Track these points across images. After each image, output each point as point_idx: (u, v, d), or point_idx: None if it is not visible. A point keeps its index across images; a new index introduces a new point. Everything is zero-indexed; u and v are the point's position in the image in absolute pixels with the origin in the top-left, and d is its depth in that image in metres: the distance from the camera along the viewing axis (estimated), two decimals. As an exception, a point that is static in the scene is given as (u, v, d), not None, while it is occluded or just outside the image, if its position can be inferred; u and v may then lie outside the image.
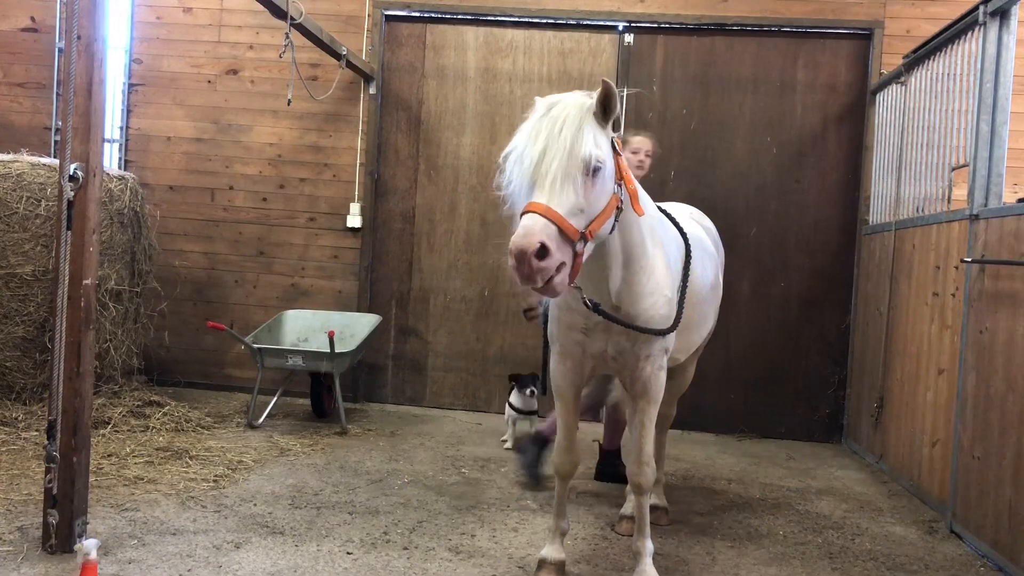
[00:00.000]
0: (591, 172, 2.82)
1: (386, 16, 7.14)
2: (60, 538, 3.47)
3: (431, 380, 7.21)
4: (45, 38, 7.35)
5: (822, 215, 6.88)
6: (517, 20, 7.06)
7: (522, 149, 2.87)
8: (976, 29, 4.67)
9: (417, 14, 7.12)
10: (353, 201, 7.15)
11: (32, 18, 7.37)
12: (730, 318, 6.46)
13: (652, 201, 3.63)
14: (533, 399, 5.81)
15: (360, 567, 3.60)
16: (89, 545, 3.03)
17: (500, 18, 7.06)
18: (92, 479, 3.99)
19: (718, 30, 6.90)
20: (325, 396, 6.43)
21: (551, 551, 3.61)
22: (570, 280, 2.78)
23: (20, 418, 5.41)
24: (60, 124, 5.16)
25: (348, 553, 3.74)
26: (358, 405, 7.02)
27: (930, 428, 5.00)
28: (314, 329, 6.57)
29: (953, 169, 5.05)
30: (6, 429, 5.23)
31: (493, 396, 7.14)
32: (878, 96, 6.58)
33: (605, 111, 2.94)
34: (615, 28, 6.98)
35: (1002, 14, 4.41)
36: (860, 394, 6.43)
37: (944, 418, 4.78)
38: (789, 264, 6.85)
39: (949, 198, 5.12)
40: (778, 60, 6.88)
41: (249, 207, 7.27)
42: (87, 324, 3.51)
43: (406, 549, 3.84)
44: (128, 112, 7.34)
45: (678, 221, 3.76)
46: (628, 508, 4.28)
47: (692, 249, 3.66)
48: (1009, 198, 5.39)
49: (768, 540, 4.31)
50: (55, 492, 3.45)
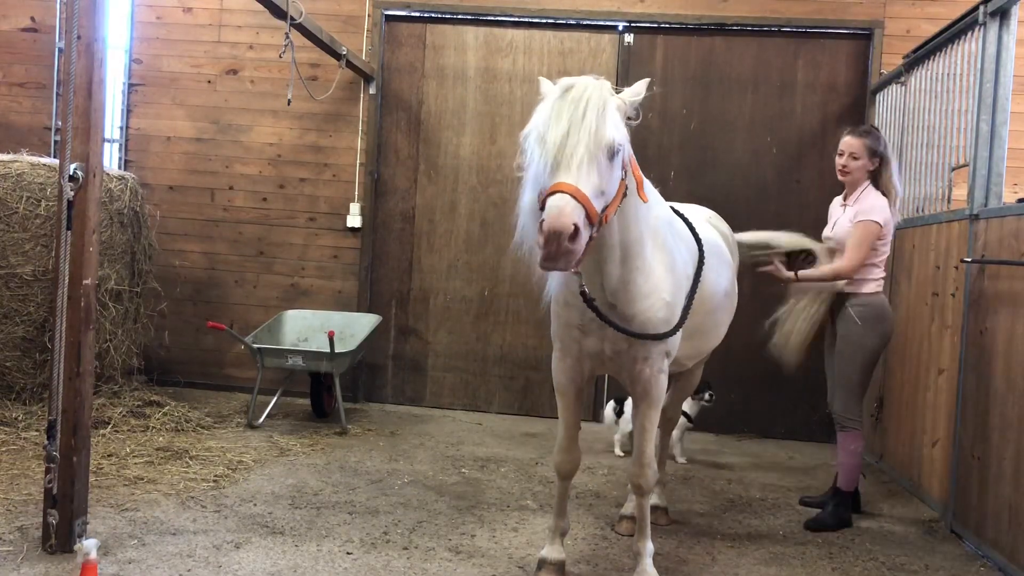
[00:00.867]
0: (612, 155, 2.84)
1: (386, 16, 7.14)
2: (60, 538, 3.47)
3: (431, 380, 7.21)
4: (45, 38, 7.35)
5: (822, 215, 6.83)
6: (517, 20, 7.06)
7: (543, 129, 2.85)
8: (976, 29, 4.67)
9: (417, 14, 7.12)
10: (353, 201, 7.15)
11: (32, 18, 7.37)
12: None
13: (665, 202, 3.63)
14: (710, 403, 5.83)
15: (360, 567, 3.60)
16: (89, 545, 3.03)
17: (500, 18, 7.06)
18: (92, 479, 4.00)
19: (718, 30, 6.90)
20: (325, 396, 6.43)
21: (551, 551, 3.60)
22: (576, 266, 2.78)
23: (20, 418, 5.41)
24: (60, 124, 5.16)
25: (348, 553, 3.74)
26: (358, 405, 7.02)
27: (930, 428, 5.00)
28: (314, 329, 6.57)
29: (953, 169, 5.05)
30: (6, 429, 5.23)
31: (493, 396, 7.14)
32: (878, 96, 6.58)
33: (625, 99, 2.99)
34: (615, 28, 6.98)
35: (1002, 14, 4.40)
36: (860, 394, 6.42)
37: (944, 418, 4.78)
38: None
39: (949, 198, 5.12)
40: (778, 60, 6.88)
41: (249, 207, 7.27)
42: (87, 324, 3.51)
43: (406, 549, 3.84)
44: (128, 112, 7.34)
45: (693, 225, 3.73)
46: (628, 508, 4.28)
47: (706, 255, 3.63)
48: (1009, 198, 5.39)
49: (768, 540, 4.31)
50: (55, 492, 3.45)
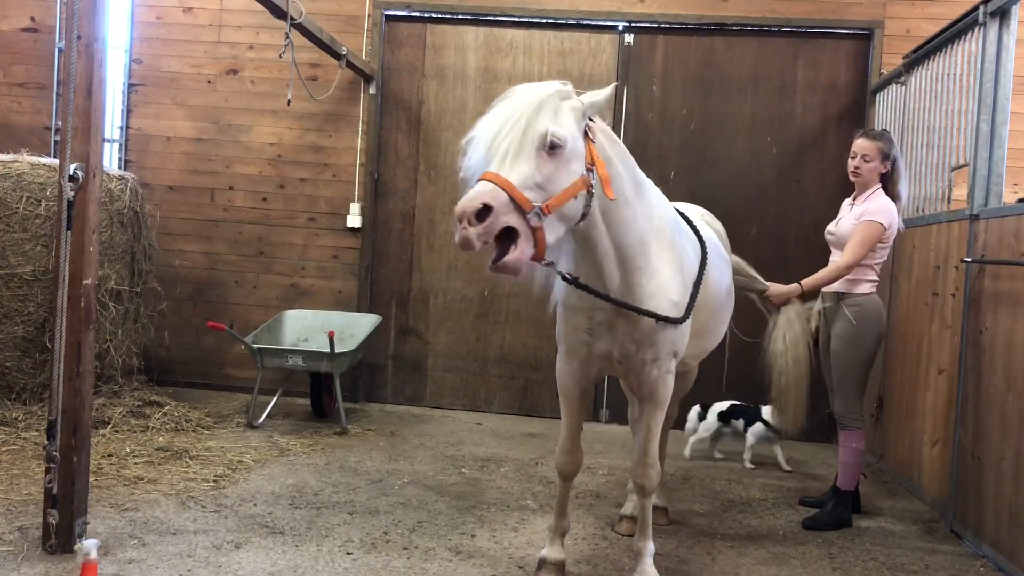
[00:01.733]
0: (548, 147, 2.83)
1: (386, 16, 7.14)
2: (60, 538, 3.47)
3: (431, 380, 7.21)
4: (45, 38, 7.35)
5: (822, 215, 6.84)
6: (517, 20, 7.06)
7: (480, 132, 2.91)
8: (976, 29, 4.67)
9: (417, 14, 7.12)
10: (353, 201, 7.15)
11: (32, 18, 7.38)
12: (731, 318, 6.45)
13: (669, 203, 3.63)
14: None
15: (360, 567, 3.60)
16: (89, 545, 3.03)
17: (500, 18, 7.06)
18: (92, 479, 3.99)
19: (718, 30, 6.90)
20: (325, 396, 6.43)
21: (551, 551, 3.60)
22: (537, 257, 2.78)
23: (20, 418, 5.41)
24: (60, 124, 5.16)
25: (348, 553, 3.74)
26: (358, 405, 7.02)
27: (930, 428, 5.00)
28: (314, 329, 6.57)
29: (953, 169, 5.05)
30: (6, 429, 5.23)
31: (493, 396, 7.14)
32: (878, 96, 6.58)
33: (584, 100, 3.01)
34: (615, 28, 6.98)
35: (1002, 14, 4.41)
36: (860, 394, 6.42)
37: (944, 418, 4.78)
38: (789, 264, 6.81)
39: (949, 198, 5.12)
40: (778, 60, 6.88)
41: (249, 207, 7.27)
42: (87, 324, 3.51)
43: (406, 549, 3.84)
44: (128, 112, 7.34)
45: (695, 224, 3.73)
46: (628, 508, 4.29)
47: (709, 254, 3.63)
48: (1009, 198, 5.39)
49: (768, 540, 4.31)
50: (55, 492, 3.45)
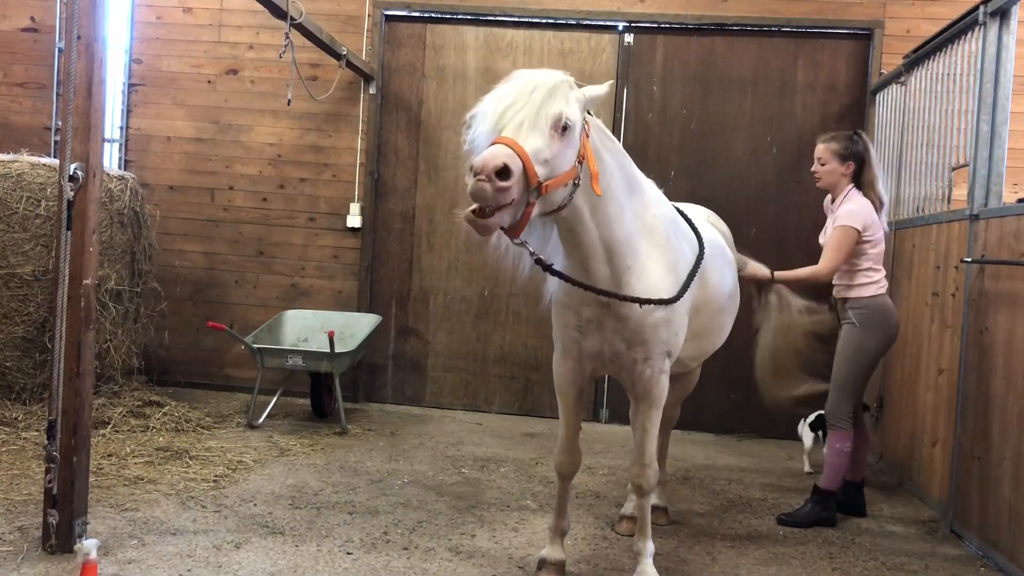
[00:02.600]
0: (561, 128, 2.84)
1: (386, 16, 7.14)
2: (60, 538, 3.47)
3: (431, 380, 7.21)
4: (45, 38, 7.34)
5: (822, 215, 6.82)
6: (517, 20, 7.05)
7: (487, 107, 2.88)
8: (976, 29, 4.67)
9: (417, 14, 7.11)
10: (353, 201, 7.15)
11: (32, 18, 7.37)
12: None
13: (669, 202, 3.62)
14: None
15: (360, 567, 3.60)
16: (89, 545, 3.04)
17: (500, 18, 7.06)
18: (92, 479, 4.00)
19: (718, 30, 6.90)
20: (325, 396, 6.43)
21: (551, 551, 3.61)
22: (514, 232, 2.79)
23: (20, 418, 5.41)
24: (60, 124, 5.16)
25: (348, 553, 3.74)
26: (358, 405, 7.02)
27: (930, 428, 5.00)
28: (314, 329, 6.57)
29: (953, 169, 5.05)
30: (6, 429, 5.23)
31: (493, 396, 7.14)
32: (878, 96, 6.58)
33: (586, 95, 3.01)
34: (615, 28, 6.98)
35: (1002, 14, 4.40)
36: (860, 394, 6.43)
37: (944, 418, 4.78)
38: (789, 264, 6.79)
39: (949, 198, 5.12)
40: (778, 60, 6.88)
41: (249, 207, 7.27)
42: (87, 324, 3.51)
43: (406, 549, 3.84)
44: (128, 112, 7.34)
45: (696, 225, 3.72)
46: (628, 508, 4.28)
47: (709, 255, 3.62)
48: (1009, 198, 5.39)
49: (768, 540, 4.31)
50: (55, 492, 3.45)
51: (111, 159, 7.32)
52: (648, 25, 6.94)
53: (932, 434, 4.96)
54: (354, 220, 7.13)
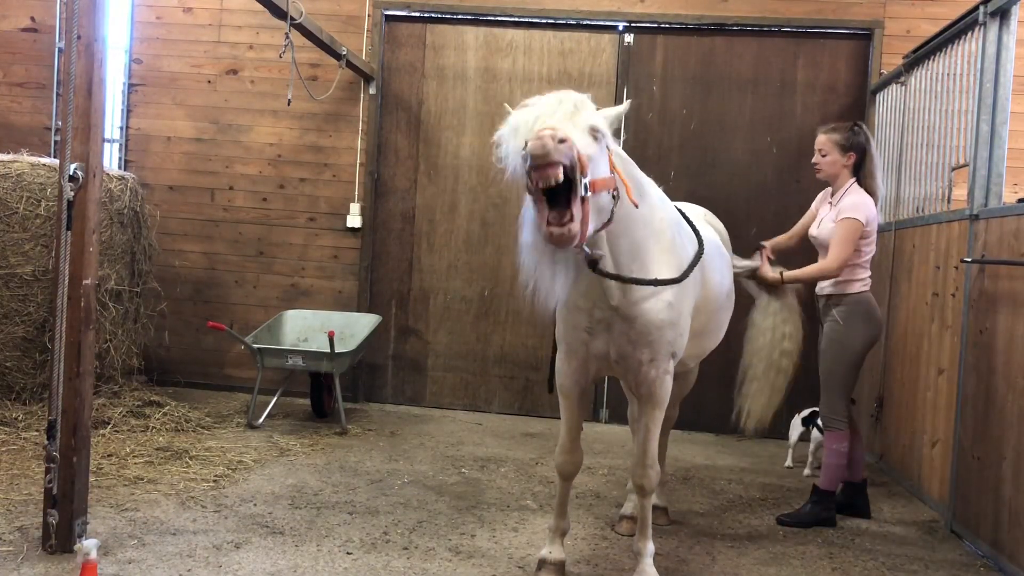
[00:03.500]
0: (595, 138, 2.85)
1: (386, 16, 7.14)
2: (60, 538, 3.47)
3: (431, 380, 7.21)
4: (45, 38, 7.34)
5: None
6: (517, 20, 7.05)
7: (518, 121, 2.85)
8: (976, 29, 4.67)
9: (417, 14, 7.11)
10: (353, 201, 7.15)
11: (32, 18, 7.37)
12: (731, 318, 6.46)
13: (670, 202, 3.63)
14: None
15: (360, 567, 3.60)
16: (89, 545, 3.03)
17: (500, 18, 7.06)
18: (92, 479, 3.99)
19: (718, 30, 6.90)
20: (325, 396, 6.43)
21: (551, 551, 3.60)
22: (582, 236, 2.78)
23: (20, 418, 5.41)
24: (60, 124, 5.16)
25: (348, 553, 3.74)
26: (358, 405, 7.02)
27: (930, 428, 5.00)
28: (314, 329, 6.57)
29: (953, 169, 5.05)
30: (6, 429, 5.23)
31: (493, 396, 7.14)
32: (878, 96, 6.58)
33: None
34: (615, 28, 6.98)
35: (1002, 14, 4.40)
36: (860, 394, 6.42)
37: (944, 418, 4.78)
38: (789, 264, 6.78)
39: (949, 198, 5.12)
40: (778, 60, 6.88)
41: (249, 207, 7.27)
42: (87, 324, 3.51)
43: (406, 549, 3.84)
44: (128, 112, 7.34)
45: (695, 224, 3.74)
46: (628, 508, 4.29)
47: (708, 255, 3.64)
48: (1009, 198, 5.39)
49: (768, 540, 4.31)
50: (55, 492, 3.45)
51: (111, 159, 7.32)
52: (648, 25, 6.94)
53: (932, 434, 4.96)
54: (354, 220, 7.13)
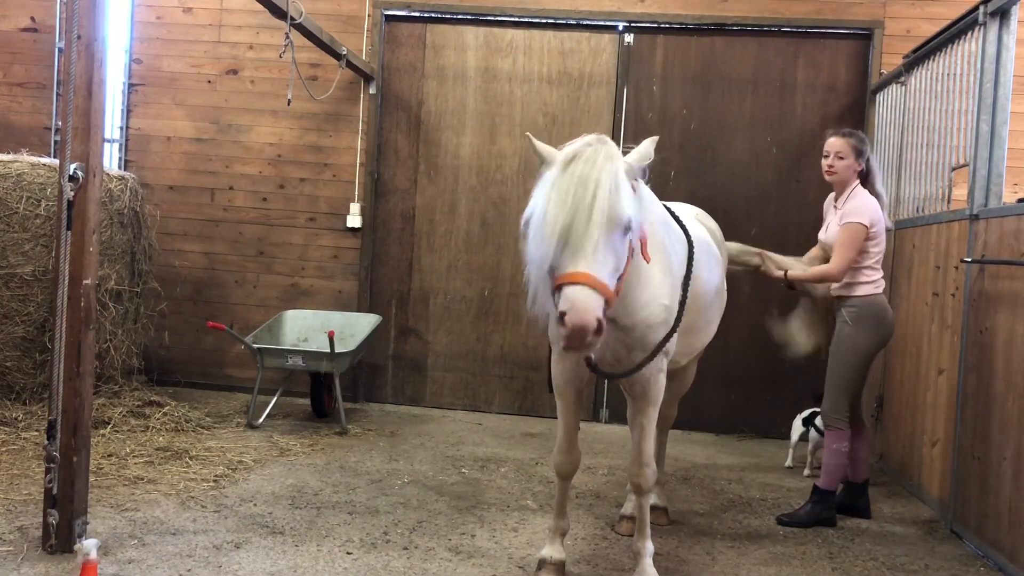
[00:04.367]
0: (626, 231, 2.84)
1: (386, 16, 7.14)
2: (60, 538, 3.47)
3: (431, 380, 7.21)
4: (45, 38, 7.34)
5: (822, 215, 6.87)
6: (517, 20, 7.05)
7: (544, 210, 2.80)
8: (976, 29, 4.67)
9: (417, 14, 7.11)
10: (353, 201, 7.15)
11: (32, 18, 7.37)
12: (730, 318, 6.41)
13: (659, 201, 3.63)
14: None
15: (360, 567, 3.60)
16: (89, 545, 3.04)
17: (500, 18, 7.05)
18: (92, 479, 3.99)
19: (718, 30, 6.90)
20: (325, 396, 6.43)
21: (551, 551, 3.60)
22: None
23: (20, 418, 5.41)
24: (60, 124, 5.16)
25: (348, 553, 3.74)
26: (358, 405, 7.02)
27: (930, 428, 5.00)
28: (314, 329, 6.57)
29: (953, 169, 5.05)
30: (6, 429, 5.23)
31: (493, 396, 7.14)
32: (878, 96, 6.58)
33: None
34: (615, 28, 6.97)
35: (1002, 14, 4.40)
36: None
37: (944, 418, 4.78)
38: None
39: (949, 198, 5.12)
40: (778, 60, 6.88)
41: (249, 207, 7.27)
42: (87, 324, 3.51)
43: (406, 549, 3.84)
44: (128, 112, 7.34)
45: (684, 223, 3.74)
46: (628, 508, 4.28)
47: (697, 253, 3.64)
48: (1009, 198, 5.39)
49: (768, 540, 4.31)
50: (55, 492, 3.45)
51: (111, 159, 7.32)
52: (648, 25, 6.94)
53: (932, 434, 4.96)
54: (354, 220, 7.12)
